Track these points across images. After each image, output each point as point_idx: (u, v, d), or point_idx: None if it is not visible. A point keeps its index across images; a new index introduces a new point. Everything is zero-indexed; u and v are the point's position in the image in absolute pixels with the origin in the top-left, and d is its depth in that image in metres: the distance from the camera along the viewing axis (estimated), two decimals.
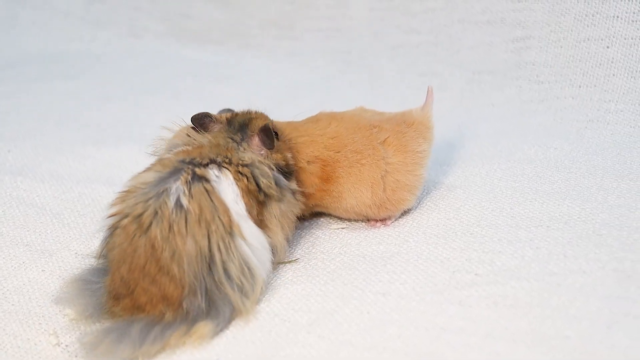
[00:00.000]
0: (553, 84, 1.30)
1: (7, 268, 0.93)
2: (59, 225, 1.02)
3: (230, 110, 1.01)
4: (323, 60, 1.61)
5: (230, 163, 0.83)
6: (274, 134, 0.90)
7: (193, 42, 1.79)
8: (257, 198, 0.84)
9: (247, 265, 0.80)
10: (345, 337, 0.76)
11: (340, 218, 1.01)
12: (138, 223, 0.78)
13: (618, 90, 1.22)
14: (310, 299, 0.83)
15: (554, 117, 1.26)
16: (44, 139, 1.28)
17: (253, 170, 0.84)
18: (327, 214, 1.02)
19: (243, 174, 0.83)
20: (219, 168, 0.82)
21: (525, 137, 1.20)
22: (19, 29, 1.90)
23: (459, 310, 0.77)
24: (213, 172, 0.81)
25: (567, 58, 1.29)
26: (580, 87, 1.26)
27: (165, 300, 0.77)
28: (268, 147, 0.87)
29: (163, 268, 0.76)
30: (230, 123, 0.89)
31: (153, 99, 1.52)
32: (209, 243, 0.78)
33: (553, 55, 1.30)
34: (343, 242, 0.95)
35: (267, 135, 0.87)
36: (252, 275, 0.81)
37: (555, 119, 1.25)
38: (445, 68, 1.44)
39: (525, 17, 1.34)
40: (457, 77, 1.41)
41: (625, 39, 1.22)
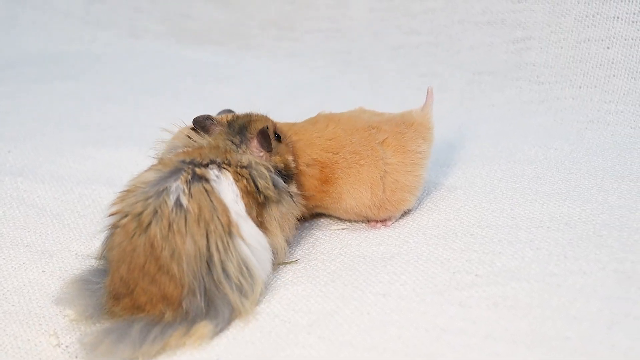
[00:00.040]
0: (553, 85, 1.30)
1: (7, 269, 0.93)
2: (59, 226, 1.02)
3: (231, 111, 1.01)
4: (323, 61, 1.61)
5: (230, 164, 0.84)
6: (277, 136, 0.90)
7: (193, 42, 1.79)
8: (256, 199, 0.84)
9: (245, 266, 0.80)
10: (346, 338, 0.76)
11: (341, 219, 1.01)
12: (138, 222, 0.78)
13: (618, 91, 1.22)
14: (311, 300, 0.83)
15: (555, 117, 1.26)
16: (44, 140, 1.28)
17: (251, 172, 0.84)
18: (327, 215, 1.02)
19: (242, 175, 0.83)
20: (219, 168, 0.82)
21: (526, 137, 1.20)
22: (19, 30, 1.90)
23: (459, 311, 0.77)
24: (213, 172, 0.81)
25: (567, 59, 1.29)
26: (581, 87, 1.26)
27: (165, 300, 0.77)
28: (266, 149, 0.88)
29: (163, 267, 0.77)
30: (231, 125, 0.89)
31: (153, 100, 1.52)
32: (208, 243, 0.78)
33: (553, 56, 1.30)
34: (343, 243, 0.95)
35: (264, 138, 0.87)
36: (251, 276, 0.81)
37: (556, 120, 1.25)
38: (446, 69, 1.44)
39: (526, 17, 1.34)
40: (457, 77, 1.41)
41: (626, 40, 1.22)
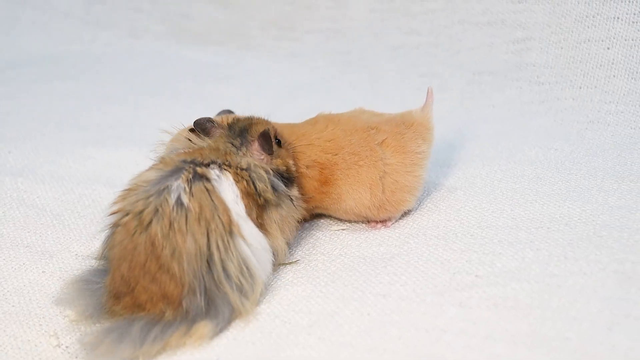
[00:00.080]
0: (553, 85, 1.30)
1: (7, 269, 0.92)
2: (60, 227, 1.02)
3: (230, 112, 1.01)
4: (323, 61, 1.61)
5: (230, 166, 0.84)
6: (277, 141, 0.90)
7: (193, 42, 1.79)
8: (256, 201, 0.84)
9: (246, 265, 0.80)
10: (346, 338, 0.76)
11: (341, 219, 1.01)
12: (138, 220, 0.78)
13: (619, 92, 1.22)
14: (311, 301, 0.83)
15: (555, 118, 1.25)
16: (45, 140, 1.28)
17: (250, 174, 0.84)
18: (327, 216, 1.02)
19: (242, 177, 0.83)
20: (220, 169, 0.82)
21: (526, 138, 1.20)
22: (19, 30, 1.90)
23: (460, 312, 0.77)
24: (214, 171, 0.81)
25: (567, 59, 1.29)
26: (581, 88, 1.26)
27: (166, 299, 0.77)
28: (267, 152, 0.88)
29: (163, 266, 0.76)
30: (231, 128, 0.89)
31: (153, 100, 1.52)
32: (208, 241, 0.78)
33: (554, 57, 1.30)
34: (343, 243, 0.95)
35: (266, 141, 0.87)
36: (251, 276, 0.81)
37: (556, 120, 1.25)
38: (446, 69, 1.44)
39: (526, 18, 1.34)
40: (457, 78, 1.41)
41: (626, 40, 1.22)
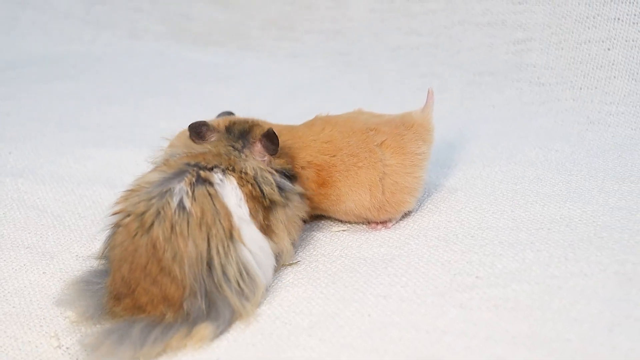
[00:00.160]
0: (554, 86, 1.30)
1: (8, 270, 0.92)
2: (60, 228, 1.02)
3: (231, 113, 1.01)
4: (323, 62, 1.61)
5: (234, 170, 0.83)
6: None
7: (193, 43, 1.79)
8: (262, 204, 0.84)
9: (245, 270, 0.80)
10: (346, 340, 0.76)
11: (341, 220, 1.01)
12: (140, 222, 0.78)
13: (619, 93, 1.22)
14: (311, 302, 0.83)
15: (555, 119, 1.25)
16: (45, 141, 1.28)
17: (256, 178, 0.84)
18: (327, 217, 1.01)
19: (247, 181, 0.83)
20: (223, 173, 0.82)
21: (526, 139, 1.20)
22: (20, 30, 1.90)
23: (460, 313, 0.77)
24: (217, 175, 0.81)
25: (568, 60, 1.29)
26: (581, 89, 1.26)
27: (166, 301, 0.77)
28: (271, 152, 0.87)
29: (164, 269, 0.76)
30: (230, 131, 0.88)
31: (153, 100, 1.52)
32: (209, 246, 0.78)
33: (554, 57, 1.30)
34: (344, 244, 0.95)
35: (271, 141, 0.86)
36: (251, 280, 0.81)
37: (556, 121, 1.25)
38: (446, 69, 1.44)
39: (526, 19, 1.34)
40: (457, 78, 1.41)
41: (626, 41, 1.22)
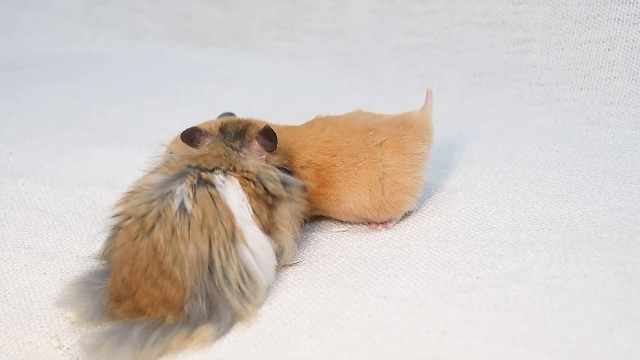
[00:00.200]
0: (554, 86, 1.30)
1: (8, 271, 0.92)
2: (60, 228, 1.02)
3: (231, 114, 1.01)
4: (323, 62, 1.61)
5: (235, 170, 0.83)
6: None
7: (193, 43, 1.79)
8: (266, 201, 0.84)
9: (247, 272, 0.80)
10: (347, 340, 0.76)
11: (341, 221, 1.01)
12: (141, 224, 0.77)
13: (619, 93, 1.22)
14: (312, 302, 0.83)
15: (555, 119, 1.25)
16: (45, 141, 1.28)
17: (259, 176, 0.84)
18: (328, 217, 1.01)
19: (249, 179, 0.83)
20: (224, 174, 0.82)
21: (526, 139, 1.20)
22: (20, 31, 1.90)
23: (460, 314, 0.77)
24: (219, 177, 0.81)
25: (568, 60, 1.29)
26: (582, 89, 1.26)
27: (167, 304, 0.77)
28: (269, 149, 0.87)
29: (165, 272, 0.76)
30: (224, 132, 0.88)
31: (153, 100, 1.52)
32: (210, 249, 0.77)
33: (554, 58, 1.30)
34: (344, 245, 0.95)
35: (268, 138, 0.87)
36: (252, 282, 0.80)
37: (556, 121, 1.25)
38: (446, 70, 1.44)
39: (526, 19, 1.34)
40: (457, 78, 1.41)
41: (627, 42, 1.22)
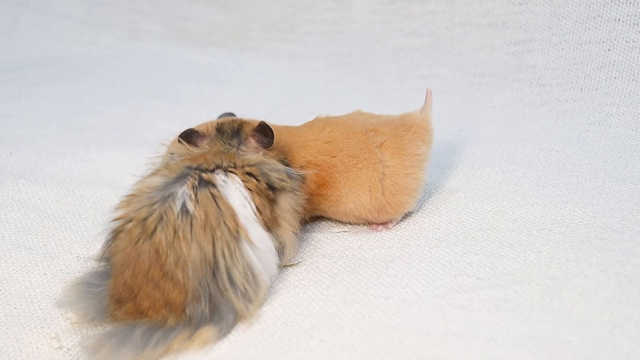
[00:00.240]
0: (554, 87, 1.30)
1: (9, 271, 0.92)
2: (61, 229, 1.02)
3: (232, 114, 1.01)
4: (324, 63, 1.61)
5: (236, 167, 0.83)
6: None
7: (194, 45, 1.80)
8: (268, 197, 0.84)
9: (251, 271, 0.80)
10: (347, 341, 0.76)
11: (342, 222, 1.01)
12: (142, 227, 0.77)
13: (619, 93, 1.22)
14: (312, 303, 0.83)
15: (556, 120, 1.26)
16: (46, 142, 1.28)
17: (262, 168, 0.84)
18: (328, 218, 1.01)
19: (251, 175, 0.83)
20: (225, 173, 0.82)
21: (527, 140, 1.20)
22: (20, 32, 1.90)
23: (461, 314, 0.77)
24: (219, 177, 0.81)
25: (568, 61, 1.29)
26: (582, 90, 1.26)
27: (168, 306, 0.77)
28: (266, 145, 0.88)
29: (167, 274, 0.76)
30: (221, 131, 0.89)
31: (154, 102, 1.52)
32: (214, 249, 0.77)
33: (554, 58, 1.30)
34: (345, 245, 0.95)
35: (265, 134, 0.87)
36: (255, 281, 0.81)
37: (557, 122, 1.25)
38: (447, 71, 1.44)
39: (527, 19, 1.34)
40: (458, 79, 1.41)
41: (627, 42, 1.22)
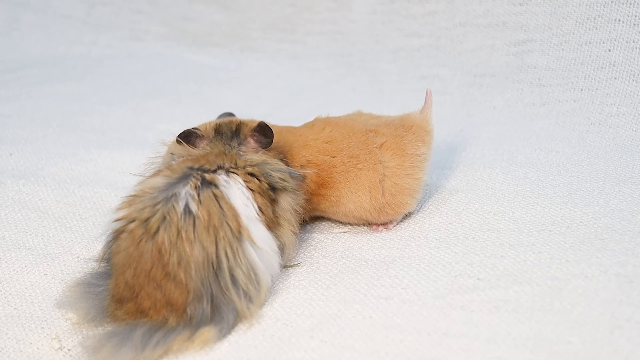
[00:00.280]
0: (555, 87, 1.30)
1: (9, 272, 0.92)
2: (61, 229, 1.02)
3: (231, 114, 1.01)
4: (324, 64, 1.61)
5: (238, 167, 0.83)
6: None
7: (194, 45, 1.80)
8: (269, 196, 0.84)
9: (253, 272, 0.80)
10: (348, 341, 0.76)
11: (342, 222, 1.01)
12: (145, 228, 0.77)
13: (620, 94, 1.22)
14: (313, 303, 0.83)
15: (556, 120, 1.26)
16: (46, 143, 1.28)
17: (264, 169, 0.84)
18: (328, 218, 1.01)
19: (253, 175, 0.83)
20: (227, 174, 0.82)
21: (527, 140, 1.20)
22: (21, 33, 1.90)
23: (461, 315, 0.77)
24: (222, 177, 0.81)
25: (568, 61, 1.29)
26: (582, 90, 1.26)
27: (170, 306, 0.77)
28: (265, 145, 0.88)
29: (169, 274, 0.76)
30: (219, 132, 0.89)
31: (154, 102, 1.52)
32: (217, 249, 0.77)
33: (555, 59, 1.30)
34: (345, 246, 0.95)
35: (264, 134, 0.87)
36: (258, 281, 0.81)
37: (557, 123, 1.25)
38: (447, 71, 1.44)
39: (527, 20, 1.34)
40: (458, 80, 1.41)
41: (627, 42, 1.22)
